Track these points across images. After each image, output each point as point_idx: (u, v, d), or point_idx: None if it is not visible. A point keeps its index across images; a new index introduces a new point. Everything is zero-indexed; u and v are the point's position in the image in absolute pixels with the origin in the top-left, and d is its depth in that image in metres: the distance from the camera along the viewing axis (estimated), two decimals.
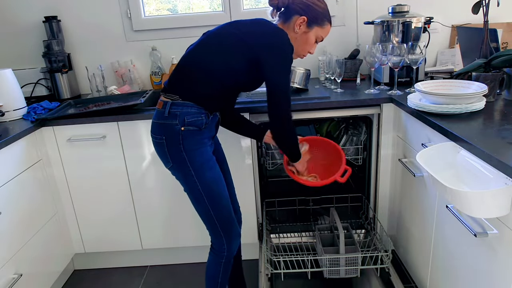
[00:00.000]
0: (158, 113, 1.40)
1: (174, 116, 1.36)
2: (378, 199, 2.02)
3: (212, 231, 1.49)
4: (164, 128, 1.37)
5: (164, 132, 1.37)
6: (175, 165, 1.40)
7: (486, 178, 1.10)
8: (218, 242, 1.50)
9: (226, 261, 1.51)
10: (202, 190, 1.40)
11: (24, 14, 2.35)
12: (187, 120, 1.36)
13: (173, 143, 1.37)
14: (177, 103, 1.37)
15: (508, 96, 1.60)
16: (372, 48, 1.80)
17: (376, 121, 1.91)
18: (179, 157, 1.38)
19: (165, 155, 1.41)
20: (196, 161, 1.38)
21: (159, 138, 1.39)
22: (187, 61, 1.40)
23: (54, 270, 1.94)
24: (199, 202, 1.43)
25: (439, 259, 1.46)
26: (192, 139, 1.37)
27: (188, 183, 1.41)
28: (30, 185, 1.78)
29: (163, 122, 1.38)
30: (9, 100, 1.90)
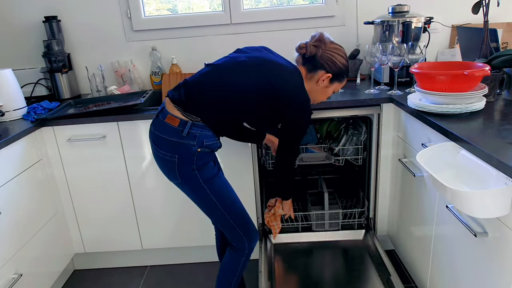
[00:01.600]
0: (172, 131, 1.34)
1: (193, 137, 1.34)
2: (378, 199, 2.02)
3: (232, 235, 1.49)
4: (179, 147, 1.34)
5: (178, 151, 1.34)
6: (184, 181, 1.39)
7: (486, 178, 1.10)
8: (238, 242, 1.51)
9: (245, 259, 1.54)
10: (215, 199, 1.41)
11: (24, 14, 2.35)
12: (205, 143, 1.36)
13: (186, 162, 1.35)
14: (198, 125, 1.34)
15: (508, 96, 1.60)
16: (372, 48, 1.80)
17: (376, 121, 1.90)
18: (190, 174, 1.37)
19: (173, 172, 1.38)
20: (205, 176, 1.39)
21: (169, 155, 1.35)
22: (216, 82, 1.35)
23: (54, 270, 1.94)
24: (214, 210, 1.43)
25: (439, 259, 1.46)
26: (203, 159, 1.38)
27: (199, 195, 1.41)
28: (30, 185, 1.78)
29: (178, 141, 1.34)
30: (9, 100, 1.90)
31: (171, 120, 1.34)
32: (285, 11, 2.31)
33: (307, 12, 2.31)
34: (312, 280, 1.80)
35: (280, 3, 2.40)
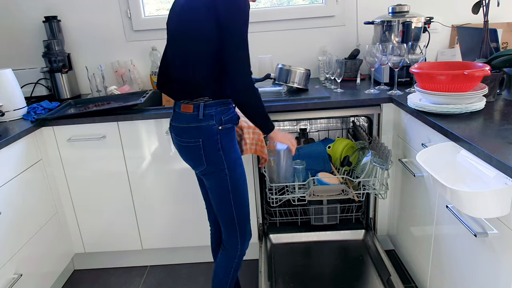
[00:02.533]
0: (190, 117, 1.36)
1: (210, 117, 1.35)
2: (378, 199, 2.02)
3: (229, 229, 1.50)
4: (200, 130, 1.35)
5: (201, 134, 1.36)
6: (209, 166, 1.39)
7: (486, 178, 1.10)
8: (232, 241, 1.51)
9: (238, 261, 1.54)
10: (230, 187, 1.42)
11: (24, 14, 2.35)
12: (224, 118, 1.37)
13: (211, 144, 1.36)
14: (209, 104, 1.36)
15: (508, 96, 1.60)
16: (372, 48, 1.80)
17: (376, 121, 1.91)
18: (216, 156, 1.38)
19: (199, 158, 1.39)
20: (230, 158, 1.40)
21: (193, 141, 1.37)
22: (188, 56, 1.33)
23: (54, 270, 1.94)
24: (224, 199, 1.44)
25: (439, 259, 1.46)
26: (228, 137, 1.39)
27: (218, 180, 1.41)
28: (30, 185, 1.78)
29: (198, 125, 1.35)
30: (9, 100, 1.90)
31: (186, 108, 1.37)
32: (285, 11, 2.31)
33: (307, 12, 2.31)
34: (312, 280, 1.80)
35: (280, 3, 2.40)
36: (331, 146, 2.06)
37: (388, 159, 1.71)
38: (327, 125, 2.43)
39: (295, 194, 1.80)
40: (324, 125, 2.42)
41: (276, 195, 1.82)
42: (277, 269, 1.89)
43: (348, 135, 2.41)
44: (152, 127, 1.88)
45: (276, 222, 2.23)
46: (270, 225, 2.21)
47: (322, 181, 1.81)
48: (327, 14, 2.31)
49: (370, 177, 1.77)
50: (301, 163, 1.81)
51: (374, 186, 1.81)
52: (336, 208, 2.14)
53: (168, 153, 1.92)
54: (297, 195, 1.80)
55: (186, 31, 1.32)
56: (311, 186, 1.79)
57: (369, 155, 1.79)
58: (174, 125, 1.42)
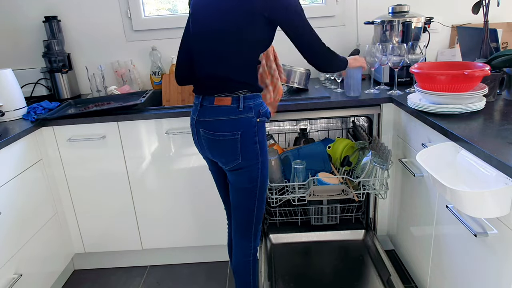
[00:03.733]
0: (228, 110, 1.35)
1: (249, 109, 1.35)
2: (378, 199, 2.02)
3: (244, 229, 1.50)
4: (239, 122, 1.35)
5: (240, 127, 1.35)
6: (244, 160, 1.38)
7: (486, 178, 1.10)
8: (245, 241, 1.51)
9: (253, 258, 1.55)
10: (259, 184, 1.43)
11: (24, 14, 2.35)
12: (261, 111, 1.38)
13: (249, 136, 1.36)
14: (248, 96, 1.36)
15: (508, 96, 1.60)
16: (372, 48, 1.80)
17: (376, 121, 1.91)
18: (252, 149, 1.38)
19: (235, 151, 1.37)
20: (264, 152, 1.41)
21: (231, 134, 1.35)
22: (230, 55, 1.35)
23: (54, 270, 1.94)
24: (250, 197, 1.44)
25: (439, 259, 1.46)
26: (263, 130, 1.40)
27: (249, 176, 1.41)
28: (30, 185, 1.78)
29: (237, 117, 1.35)
30: (9, 100, 1.90)
31: (221, 101, 1.35)
32: None
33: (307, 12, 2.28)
34: (312, 280, 1.80)
35: None
36: (331, 146, 2.06)
37: (388, 159, 1.71)
38: (327, 125, 2.43)
39: (295, 194, 1.80)
40: (324, 125, 2.42)
41: (276, 195, 1.82)
42: (277, 269, 1.89)
43: (348, 135, 2.41)
44: (152, 127, 1.88)
45: (276, 222, 2.23)
46: (270, 225, 2.21)
47: (322, 181, 1.81)
48: (327, 14, 2.31)
49: (370, 177, 1.77)
50: (301, 163, 1.80)
51: (374, 186, 1.80)
52: (336, 208, 2.14)
53: (168, 153, 1.92)
54: (297, 195, 1.80)
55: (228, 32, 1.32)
56: (311, 186, 1.79)
57: (369, 155, 1.79)
58: (204, 119, 1.39)
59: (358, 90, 1.84)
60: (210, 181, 1.96)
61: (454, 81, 1.40)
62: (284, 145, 2.45)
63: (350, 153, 2.02)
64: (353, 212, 2.20)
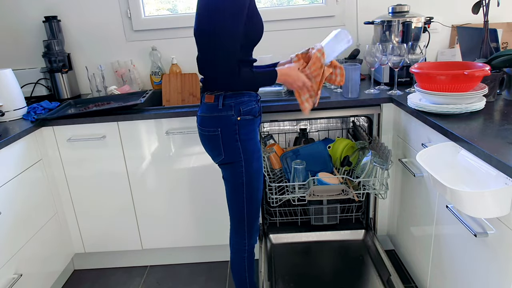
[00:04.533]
0: (210, 107, 1.41)
1: (229, 107, 1.38)
2: (378, 199, 2.02)
3: (237, 225, 1.52)
4: (219, 120, 1.39)
5: (220, 124, 1.39)
6: (227, 157, 1.42)
7: (486, 178, 1.10)
8: (239, 237, 1.53)
9: (248, 254, 1.56)
10: (245, 181, 1.44)
11: (24, 14, 2.35)
12: (242, 109, 1.39)
13: (229, 134, 1.39)
14: (229, 95, 1.39)
15: (508, 96, 1.60)
16: (372, 48, 1.80)
17: (376, 121, 1.91)
18: (234, 147, 1.40)
19: (218, 148, 1.42)
20: (248, 150, 1.42)
21: (213, 130, 1.41)
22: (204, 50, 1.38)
23: (54, 270, 1.94)
24: (237, 192, 1.46)
25: (439, 259, 1.46)
26: (247, 129, 1.41)
27: (234, 173, 1.43)
28: (30, 185, 1.78)
29: (217, 115, 1.39)
30: (9, 100, 1.90)
31: (208, 99, 1.42)
32: (285, 11, 2.31)
33: (307, 12, 2.31)
34: (312, 280, 1.80)
35: (280, 3, 2.40)
36: (331, 146, 2.05)
37: (388, 159, 1.71)
38: (327, 125, 2.43)
39: (295, 194, 1.80)
40: (324, 125, 2.42)
41: (276, 195, 1.82)
42: (277, 269, 1.89)
43: (348, 135, 2.41)
44: (152, 127, 1.88)
45: (276, 222, 2.23)
46: (270, 225, 2.21)
47: (322, 181, 1.81)
48: (327, 14, 2.31)
49: (370, 177, 1.77)
50: (301, 163, 1.80)
51: (374, 186, 1.80)
52: (336, 208, 2.14)
53: (168, 153, 1.92)
54: (297, 195, 1.80)
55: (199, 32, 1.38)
56: (311, 186, 1.79)
57: (369, 155, 1.79)
58: (198, 115, 1.47)
59: (356, 91, 1.84)
60: (210, 181, 1.96)
61: (454, 81, 1.40)
62: (284, 145, 2.45)
63: (350, 153, 2.02)
64: (353, 212, 2.20)
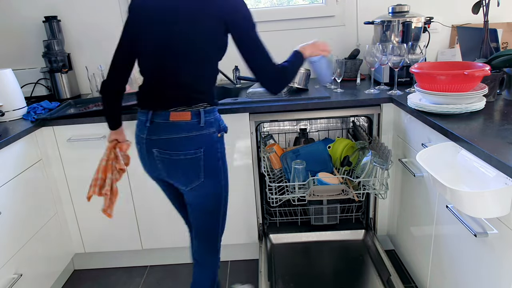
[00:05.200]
0: (188, 126, 1.25)
1: (210, 124, 1.27)
2: (378, 199, 2.02)
3: (210, 247, 1.45)
4: (202, 139, 1.26)
5: (203, 143, 1.26)
6: (207, 179, 1.30)
7: (486, 178, 1.10)
8: (211, 258, 1.47)
9: (216, 270, 1.52)
10: (223, 199, 1.38)
11: (24, 14, 2.35)
12: (221, 125, 1.32)
13: (212, 152, 1.28)
14: (208, 110, 1.27)
15: (508, 96, 1.60)
16: (372, 48, 1.80)
17: (376, 121, 1.91)
18: (215, 166, 1.31)
19: (198, 170, 1.28)
20: (226, 167, 1.36)
21: (193, 152, 1.25)
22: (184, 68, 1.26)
23: (54, 270, 1.94)
24: (214, 214, 1.38)
25: (439, 259, 1.46)
26: (223, 145, 1.34)
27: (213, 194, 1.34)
28: (30, 185, 1.78)
29: (199, 133, 1.25)
30: (9, 100, 1.90)
31: (179, 117, 1.24)
32: (285, 11, 2.31)
33: (307, 12, 2.31)
34: (312, 280, 1.80)
35: (280, 3, 2.40)
36: (331, 146, 2.05)
37: (388, 159, 1.71)
38: (327, 125, 2.43)
39: (295, 194, 1.80)
40: (324, 125, 2.43)
41: (276, 195, 1.82)
42: (277, 269, 1.89)
43: (348, 135, 2.41)
44: None
45: (276, 222, 2.23)
46: (270, 225, 2.21)
47: (322, 181, 1.80)
48: (327, 14, 2.31)
49: (370, 177, 1.77)
50: (301, 163, 1.80)
51: (374, 186, 1.80)
52: (336, 208, 2.14)
53: None
54: (297, 195, 1.80)
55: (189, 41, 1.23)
56: (311, 186, 1.78)
57: (369, 155, 1.79)
58: (158, 138, 1.27)
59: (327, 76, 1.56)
60: None
61: (454, 81, 1.40)
62: (284, 145, 2.45)
63: (350, 153, 2.02)
64: (353, 212, 2.20)
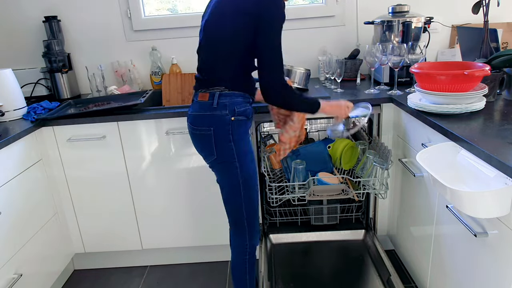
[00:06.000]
0: (203, 105, 1.39)
1: (224, 106, 1.37)
2: (378, 199, 2.02)
3: (237, 226, 1.50)
4: (212, 119, 1.37)
5: (213, 123, 1.37)
6: (219, 157, 1.40)
7: (486, 178, 1.10)
8: (240, 239, 1.51)
9: (249, 256, 1.54)
10: (241, 181, 1.42)
11: (24, 14, 2.35)
12: (237, 109, 1.38)
13: (222, 133, 1.37)
14: (225, 94, 1.37)
15: (508, 96, 1.60)
16: (372, 48, 1.80)
17: (376, 121, 1.91)
18: (227, 147, 1.38)
19: (210, 147, 1.40)
20: (242, 151, 1.40)
21: (205, 129, 1.38)
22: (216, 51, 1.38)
23: (54, 270, 1.94)
24: (234, 193, 1.44)
25: (439, 259, 1.46)
26: (240, 129, 1.39)
27: (229, 174, 1.42)
28: (30, 185, 1.78)
29: (211, 114, 1.37)
30: (9, 100, 1.90)
31: (202, 97, 1.40)
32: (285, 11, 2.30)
33: (307, 12, 2.31)
34: (312, 280, 1.80)
35: None
36: (331, 146, 2.05)
37: (388, 159, 1.71)
38: (327, 125, 2.42)
39: (295, 194, 1.80)
40: (324, 125, 2.42)
41: (276, 195, 1.82)
42: (277, 269, 1.89)
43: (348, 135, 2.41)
44: (152, 127, 1.88)
45: (276, 222, 2.23)
46: (270, 225, 2.21)
47: (322, 181, 1.80)
48: (327, 14, 2.31)
49: (370, 177, 1.77)
50: (301, 163, 1.80)
51: (374, 186, 1.80)
52: (336, 208, 2.14)
53: (168, 153, 1.92)
54: (297, 195, 1.80)
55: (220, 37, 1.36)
56: (311, 186, 1.78)
57: (369, 155, 1.79)
58: (189, 113, 1.45)
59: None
60: (210, 181, 1.96)
61: (454, 81, 1.40)
62: None
63: (350, 153, 2.02)
64: (353, 212, 2.20)
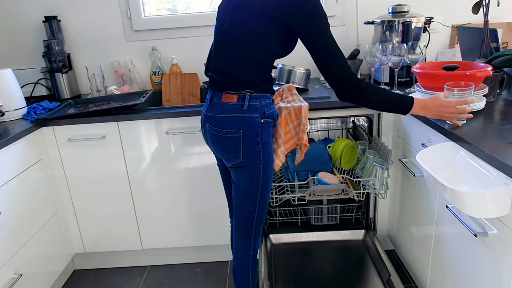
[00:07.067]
0: (234, 107, 1.35)
1: (254, 109, 1.34)
2: (378, 199, 2.02)
3: (244, 229, 1.48)
4: (242, 121, 1.34)
5: (243, 125, 1.34)
6: (246, 160, 1.37)
7: (486, 178, 1.10)
8: (244, 242, 1.50)
9: (252, 259, 1.53)
10: (261, 185, 1.41)
11: (24, 14, 2.35)
12: (266, 112, 1.37)
13: (251, 136, 1.35)
14: (254, 96, 1.35)
15: (508, 96, 1.60)
16: (372, 48, 1.80)
17: (376, 121, 1.91)
18: (254, 150, 1.36)
19: (237, 150, 1.37)
20: (267, 154, 1.39)
21: (233, 132, 1.35)
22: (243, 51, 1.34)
23: (54, 270, 1.94)
24: (250, 196, 1.42)
25: (439, 259, 1.46)
26: (267, 132, 1.39)
27: (250, 176, 1.39)
28: (30, 185, 1.78)
29: (241, 116, 1.34)
30: (9, 100, 1.90)
31: (228, 99, 1.36)
32: None
33: None
34: (312, 280, 1.80)
35: None
36: (331, 146, 2.05)
37: (388, 159, 1.71)
38: (327, 125, 2.43)
39: (295, 194, 1.80)
40: (324, 125, 2.42)
41: (276, 195, 1.82)
42: (277, 269, 1.89)
43: (348, 135, 2.41)
44: (152, 127, 1.88)
45: (276, 222, 2.23)
46: (270, 225, 2.21)
47: (322, 180, 1.81)
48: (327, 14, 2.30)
49: (370, 177, 1.77)
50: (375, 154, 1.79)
51: (374, 186, 1.80)
52: (336, 208, 2.14)
53: (168, 153, 1.92)
54: (297, 195, 1.80)
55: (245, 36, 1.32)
56: (311, 185, 1.78)
57: (369, 155, 1.79)
58: (210, 115, 1.40)
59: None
60: (210, 181, 1.96)
61: None
62: None
63: (350, 153, 2.02)
64: (353, 212, 2.20)
